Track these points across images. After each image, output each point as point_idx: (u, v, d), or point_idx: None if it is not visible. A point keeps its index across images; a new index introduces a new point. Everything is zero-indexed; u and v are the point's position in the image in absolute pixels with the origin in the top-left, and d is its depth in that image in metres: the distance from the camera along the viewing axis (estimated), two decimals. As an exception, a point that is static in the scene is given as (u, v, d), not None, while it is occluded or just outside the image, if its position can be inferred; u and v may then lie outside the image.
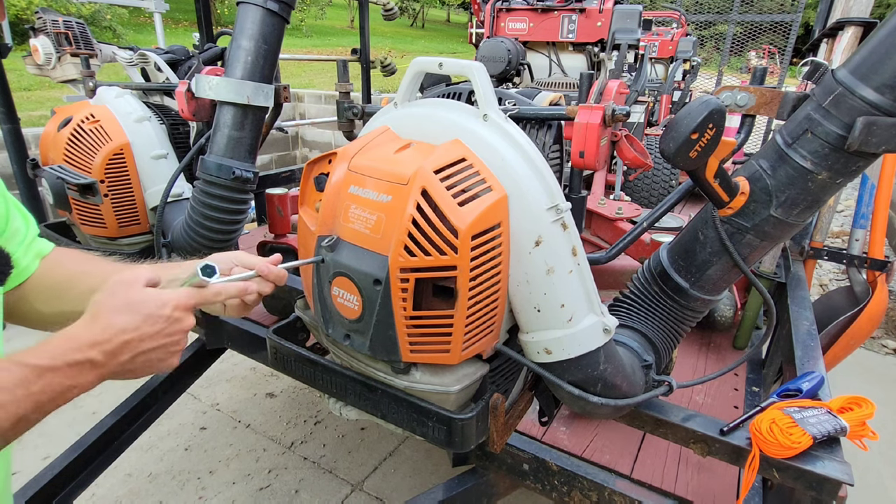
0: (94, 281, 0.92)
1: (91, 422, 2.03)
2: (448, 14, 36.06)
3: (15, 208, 0.92)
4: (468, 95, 1.09)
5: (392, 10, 3.74)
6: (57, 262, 0.95)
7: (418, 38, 25.08)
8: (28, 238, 0.92)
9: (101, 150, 1.64)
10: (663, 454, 1.65)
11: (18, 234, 0.91)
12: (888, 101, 0.85)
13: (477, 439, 1.02)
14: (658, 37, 5.29)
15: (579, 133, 1.10)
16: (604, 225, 2.75)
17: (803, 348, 1.62)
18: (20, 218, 0.93)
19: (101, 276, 0.93)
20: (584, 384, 1.01)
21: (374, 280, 0.86)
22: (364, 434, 2.93)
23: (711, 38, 10.20)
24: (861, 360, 3.78)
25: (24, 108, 7.08)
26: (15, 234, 0.90)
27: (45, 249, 0.96)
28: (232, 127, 1.48)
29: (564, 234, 0.90)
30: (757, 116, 1.07)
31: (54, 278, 0.93)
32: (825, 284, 5.13)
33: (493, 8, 4.13)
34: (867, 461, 2.79)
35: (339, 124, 1.67)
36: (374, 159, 0.90)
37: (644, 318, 1.17)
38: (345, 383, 1.07)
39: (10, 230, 0.89)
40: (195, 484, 2.56)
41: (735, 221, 1.03)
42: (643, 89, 4.03)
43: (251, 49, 1.44)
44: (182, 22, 16.00)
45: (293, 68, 13.31)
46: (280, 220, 2.52)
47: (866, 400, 1.10)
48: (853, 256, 2.43)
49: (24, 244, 0.91)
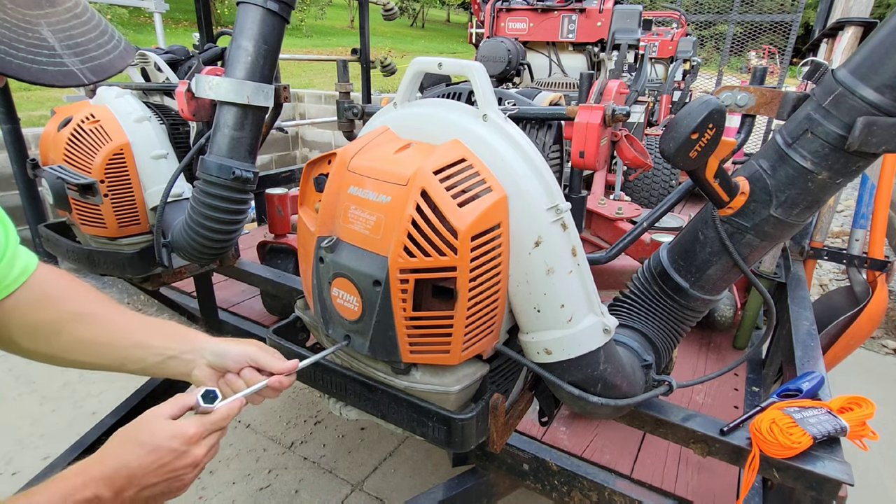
0: (92, 331, 0.84)
1: (91, 422, 2.03)
2: (448, 14, 36.05)
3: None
4: (468, 95, 1.08)
5: (392, 10, 3.74)
6: (45, 296, 0.83)
7: (418, 38, 25.07)
8: (8, 255, 0.80)
9: (101, 150, 1.64)
10: (663, 454, 1.65)
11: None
12: (888, 101, 0.85)
13: (477, 439, 1.02)
14: (658, 37, 5.29)
15: (579, 133, 1.10)
16: (604, 225, 2.75)
17: (803, 348, 1.62)
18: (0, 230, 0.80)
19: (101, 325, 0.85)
20: (584, 384, 1.01)
21: (374, 281, 0.86)
22: (364, 434, 2.93)
23: (711, 38, 10.20)
24: (861, 360, 3.78)
25: (24, 108, 7.08)
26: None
27: (29, 268, 0.83)
28: (232, 127, 1.48)
29: (564, 235, 0.90)
30: (757, 116, 1.07)
31: (43, 316, 0.82)
32: (825, 284, 5.13)
33: (493, 8, 4.13)
34: (867, 461, 2.79)
35: (339, 124, 1.67)
36: (374, 160, 0.90)
37: (644, 318, 1.17)
38: (345, 383, 1.07)
39: None
40: (195, 484, 2.55)
41: (735, 221, 1.03)
42: (643, 89, 4.03)
43: (251, 49, 1.43)
44: (182, 22, 16.00)
45: (293, 68, 13.31)
46: (280, 220, 2.53)
47: (866, 400, 1.10)
48: (853, 256, 2.43)
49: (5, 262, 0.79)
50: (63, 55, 0.41)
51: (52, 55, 0.40)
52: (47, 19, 0.40)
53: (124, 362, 0.87)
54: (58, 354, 0.85)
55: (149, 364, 0.87)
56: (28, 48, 0.39)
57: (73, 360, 0.86)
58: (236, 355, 0.86)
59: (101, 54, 0.43)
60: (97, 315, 0.87)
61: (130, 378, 3.38)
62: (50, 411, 3.00)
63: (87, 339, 0.85)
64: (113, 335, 0.86)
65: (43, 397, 3.11)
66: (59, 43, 0.40)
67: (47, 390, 3.17)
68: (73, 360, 0.86)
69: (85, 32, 0.42)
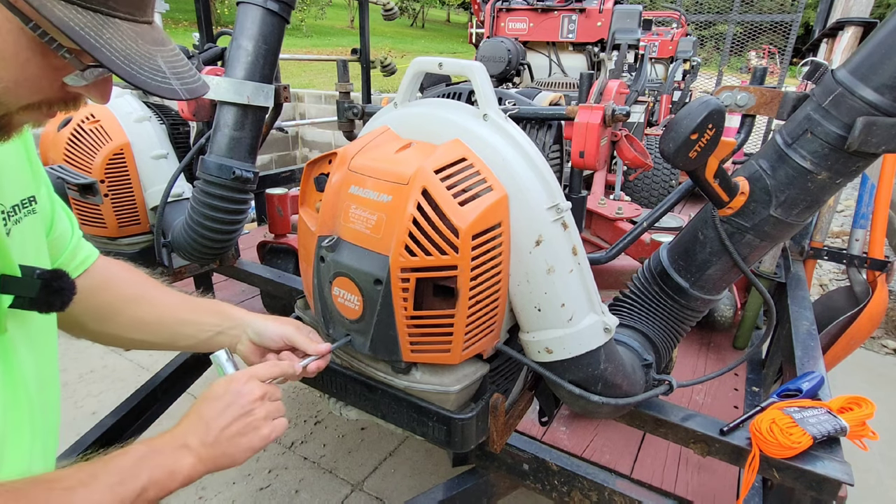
0: (145, 310, 0.94)
1: (91, 422, 2.03)
2: (448, 14, 36.06)
3: (61, 208, 0.88)
4: (468, 95, 1.09)
5: (392, 10, 3.74)
6: (105, 281, 0.93)
7: (418, 38, 25.08)
8: (72, 245, 0.89)
9: (101, 149, 1.64)
10: (663, 454, 1.65)
11: (63, 238, 0.87)
12: (888, 101, 0.85)
13: (477, 439, 1.02)
14: (658, 37, 5.29)
15: (579, 133, 1.10)
16: (604, 225, 2.75)
17: (803, 348, 1.62)
18: (66, 219, 0.89)
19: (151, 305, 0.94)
20: (584, 383, 1.01)
21: (375, 280, 0.86)
22: (364, 434, 2.93)
23: (711, 38, 10.20)
24: (861, 360, 3.78)
25: (24, 108, 7.06)
26: (60, 239, 0.86)
27: (90, 258, 0.93)
28: (232, 127, 1.49)
29: (565, 234, 0.90)
30: (757, 116, 1.07)
31: (103, 299, 0.92)
32: (825, 284, 5.13)
33: (493, 8, 4.13)
34: (867, 461, 2.79)
35: (339, 124, 1.67)
36: (375, 159, 0.90)
37: (644, 318, 1.17)
38: (345, 383, 1.07)
39: (54, 234, 0.85)
40: (195, 484, 2.55)
41: (735, 221, 1.03)
42: (643, 89, 4.04)
43: (251, 49, 1.44)
44: (182, 22, 16.00)
45: (293, 68, 13.31)
46: (280, 220, 2.52)
47: (866, 400, 1.10)
48: (853, 256, 2.43)
49: (69, 251, 0.88)
50: (170, 79, 0.57)
51: (163, 78, 0.57)
52: (162, 54, 0.58)
53: (175, 339, 0.96)
54: (120, 334, 0.94)
55: (200, 340, 0.96)
56: (150, 71, 0.55)
57: (132, 340, 0.95)
58: (274, 335, 0.93)
59: (191, 81, 0.60)
60: (148, 296, 0.96)
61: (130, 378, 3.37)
62: (50, 411, 3.00)
63: (141, 319, 0.94)
64: (163, 314, 0.95)
65: (43, 397, 3.10)
66: (168, 70, 0.58)
67: (47, 390, 3.17)
68: (133, 338, 0.95)
69: (183, 65, 0.61)
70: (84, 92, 0.60)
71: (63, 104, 0.61)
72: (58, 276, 0.69)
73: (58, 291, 0.68)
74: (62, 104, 0.60)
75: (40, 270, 0.67)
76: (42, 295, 0.66)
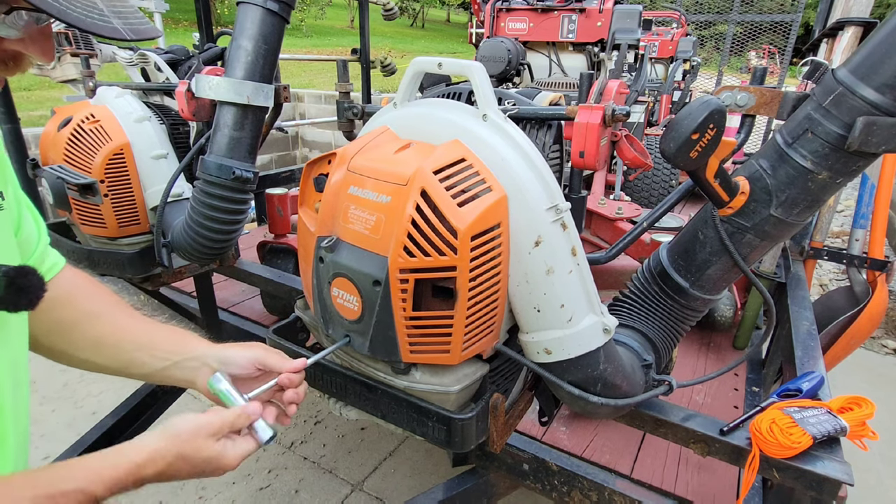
0: (102, 329, 0.86)
1: (91, 422, 2.03)
2: (448, 14, 36.05)
3: (28, 210, 0.82)
4: (468, 95, 1.08)
5: (392, 10, 3.74)
6: (68, 293, 0.86)
7: (418, 38, 25.08)
8: (38, 251, 0.83)
9: (101, 150, 1.64)
10: (663, 454, 1.65)
11: (29, 243, 0.81)
12: (888, 100, 0.85)
13: (477, 439, 1.02)
14: (658, 37, 5.29)
15: (579, 133, 1.10)
16: (604, 225, 2.75)
17: (803, 348, 1.62)
18: (32, 223, 0.83)
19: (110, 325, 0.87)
20: (584, 384, 1.01)
21: (374, 281, 0.86)
22: (364, 434, 2.93)
23: (711, 38, 10.19)
24: (861, 360, 3.78)
25: (24, 108, 7.08)
26: (25, 244, 0.80)
27: (56, 266, 0.86)
28: (232, 127, 1.48)
29: (564, 234, 0.90)
30: (757, 116, 1.07)
31: (61, 314, 0.84)
32: (825, 284, 5.13)
33: (493, 8, 4.13)
34: (867, 461, 2.79)
35: (339, 124, 1.67)
36: (374, 160, 0.90)
37: (644, 318, 1.17)
38: (345, 383, 1.07)
39: (20, 237, 0.78)
40: (195, 484, 2.56)
41: (735, 221, 1.03)
42: (643, 89, 4.04)
43: (251, 49, 1.43)
44: (182, 22, 15.99)
45: (293, 68, 13.31)
46: (280, 220, 2.53)
47: (866, 400, 1.10)
48: (853, 256, 2.43)
49: (35, 257, 0.82)
50: (109, 16, 0.53)
51: (101, 15, 0.52)
52: None
53: (128, 365, 0.87)
54: (71, 353, 0.86)
55: (153, 370, 0.87)
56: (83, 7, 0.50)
57: (83, 360, 0.87)
58: (242, 360, 0.84)
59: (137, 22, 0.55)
60: (107, 315, 0.88)
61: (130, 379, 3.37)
62: (50, 411, 3.00)
63: (94, 338, 0.86)
64: (118, 336, 0.87)
65: (43, 397, 3.11)
66: (106, 7, 0.53)
67: (47, 390, 3.17)
68: (84, 359, 0.87)
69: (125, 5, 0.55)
70: (22, 48, 0.55)
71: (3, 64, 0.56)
72: (24, 273, 0.64)
73: (24, 289, 0.63)
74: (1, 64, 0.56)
75: (6, 267, 0.62)
76: (8, 293, 0.62)
